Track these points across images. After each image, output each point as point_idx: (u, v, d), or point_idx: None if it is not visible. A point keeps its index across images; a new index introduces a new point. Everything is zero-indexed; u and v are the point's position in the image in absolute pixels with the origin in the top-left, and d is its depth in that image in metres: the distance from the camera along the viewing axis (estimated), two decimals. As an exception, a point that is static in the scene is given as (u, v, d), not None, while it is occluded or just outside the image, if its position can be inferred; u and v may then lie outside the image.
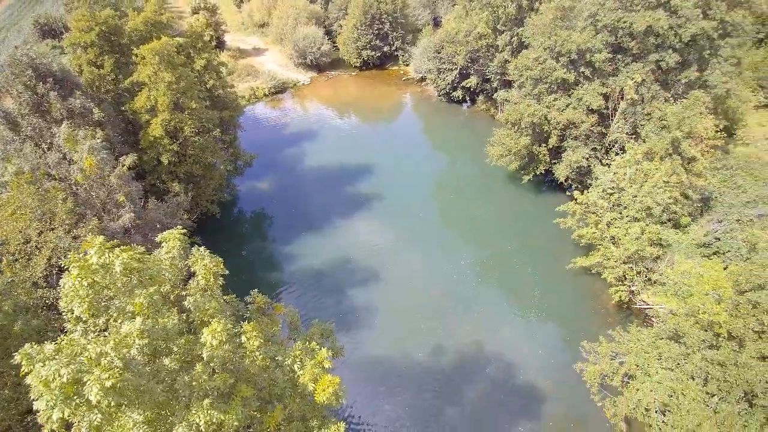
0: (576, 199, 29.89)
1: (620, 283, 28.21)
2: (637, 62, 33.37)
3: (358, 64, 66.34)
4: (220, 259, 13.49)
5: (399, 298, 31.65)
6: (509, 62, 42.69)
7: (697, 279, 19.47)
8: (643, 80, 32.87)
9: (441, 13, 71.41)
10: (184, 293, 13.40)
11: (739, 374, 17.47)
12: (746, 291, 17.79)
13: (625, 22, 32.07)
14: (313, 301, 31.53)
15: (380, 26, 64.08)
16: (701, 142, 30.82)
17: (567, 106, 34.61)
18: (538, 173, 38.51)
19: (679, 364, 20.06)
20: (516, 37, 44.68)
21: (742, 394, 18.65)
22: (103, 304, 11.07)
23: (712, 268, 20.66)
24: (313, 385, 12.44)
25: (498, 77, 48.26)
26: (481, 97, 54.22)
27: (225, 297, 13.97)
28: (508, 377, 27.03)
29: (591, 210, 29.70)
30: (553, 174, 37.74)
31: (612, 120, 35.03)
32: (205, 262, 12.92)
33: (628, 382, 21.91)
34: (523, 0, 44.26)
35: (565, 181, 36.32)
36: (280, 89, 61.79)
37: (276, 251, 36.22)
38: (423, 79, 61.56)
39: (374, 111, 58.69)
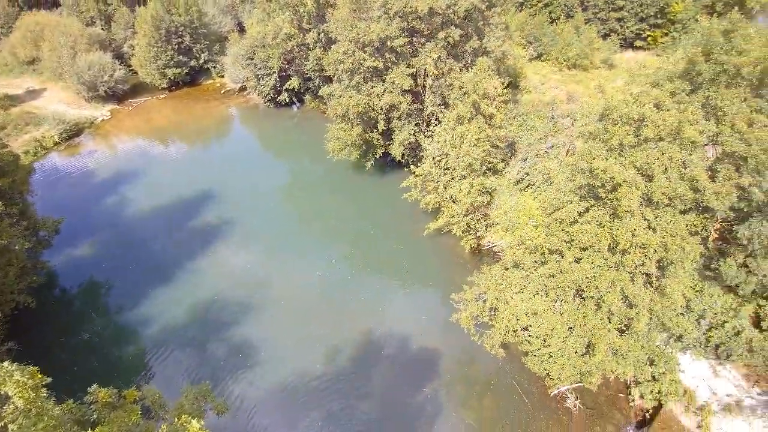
0: (414, 173, 32.78)
1: (467, 233, 32.23)
2: (430, 41, 37.49)
3: (165, 85, 60.17)
4: (34, 367, 11.13)
5: (281, 317, 30.50)
6: (322, 58, 43.84)
7: (517, 213, 23.39)
8: (439, 56, 37.18)
9: (244, 18, 69.13)
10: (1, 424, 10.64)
11: (565, 279, 21.50)
12: (552, 213, 21.96)
13: (411, 7, 35.59)
14: (189, 359, 28.17)
15: (179, 40, 59.05)
16: (494, 99, 36.49)
17: (384, 91, 37.18)
18: (377, 157, 40.92)
19: (525, 286, 23.80)
20: (323, 33, 45.99)
21: (574, 293, 23.15)
22: None
23: (526, 201, 24.94)
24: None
25: (318, 74, 49.18)
26: (308, 96, 54.72)
27: (58, 408, 11.51)
28: (403, 351, 28.62)
29: (429, 179, 32.83)
30: (391, 154, 40.50)
31: (424, 96, 38.92)
32: (15, 379, 10.38)
33: (495, 315, 25.16)
34: (319, -4, 45.63)
35: (402, 158, 39.36)
36: (74, 132, 52.10)
37: (126, 320, 30.88)
38: (243, 88, 59.18)
39: (199, 132, 54.32)
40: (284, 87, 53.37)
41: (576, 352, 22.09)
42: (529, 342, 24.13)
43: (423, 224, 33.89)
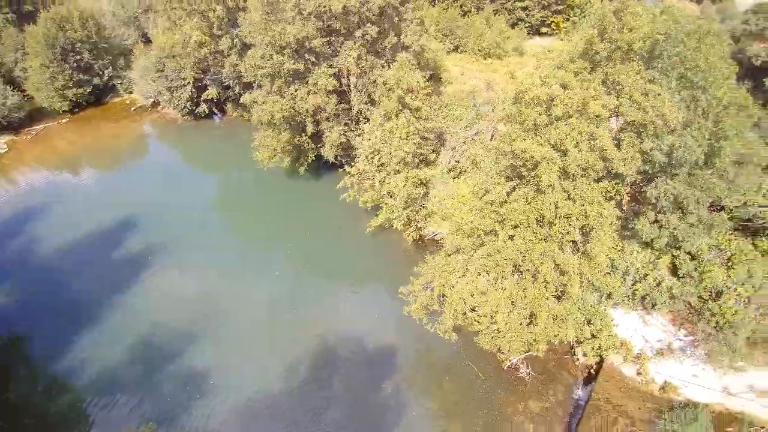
0: (349, 172, 32.66)
1: (408, 226, 32.76)
2: (348, 40, 37.42)
3: (66, 108, 54.56)
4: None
5: (229, 338, 29.13)
6: (239, 65, 42.25)
7: (452, 200, 24.15)
8: (359, 55, 37.24)
9: (149, 28, 64.62)
10: None
11: (502, 257, 22.48)
12: (482, 196, 22.89)
13: (324, 6, 35.24)
14: (133, 400, 26.25)
15: (78, 57, 53.86)
16: (418, 93, 37.28)
17: (308, 93, 36.58)
18: (310, 161, 40.23)
19: (467, 269, 24.58)
20: (237, 39, 44.28)
21: (512, 269, 24.28)
22: None
23: (459, 187, 25.77)
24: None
25: (237, 81, 47.29)
26: (229, 106, 52.49)
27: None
28: (360, 351, 28.54)
29: (364, 177, 32.88)
30: (324, 157, 39.98)
31: (350, 95, 38.83)
32: None
33: (443, 301, 25.74)
34: (228, 0, 43.83)
35: (336, 159, 39.03)
36: (-35, 171, 46.04)
37: (57, 370, 27.83)
38: (156, 103, 55.38)
39: (113, 154, 50.12)
40: (202, 98, 50.72)
41: (521, 324, 23.26)
42: (478, 321, 24.99)
43: (364, 222, 33.87)
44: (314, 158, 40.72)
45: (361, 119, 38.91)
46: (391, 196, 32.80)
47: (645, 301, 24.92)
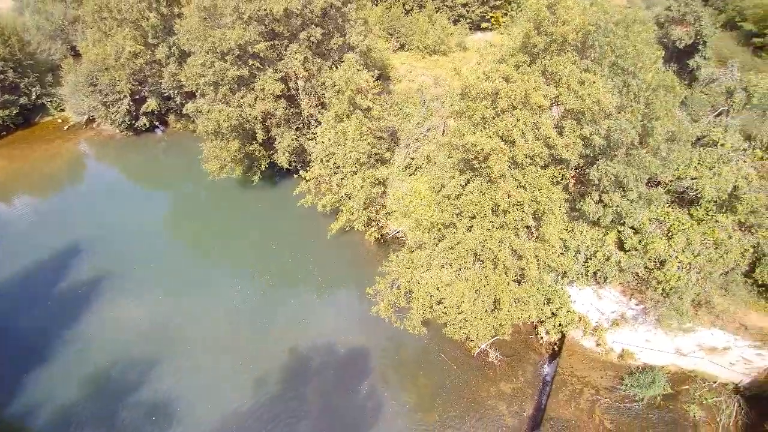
0: (305, 177, 32.21)
1: (369, 226, 32.79)
2: (293, 43, 36.84)
3: (-10, 131, 50.41)
4: None
5: (195, 361, 28.04)
6: (179, 74, 40.54)
7: (410, 197, 24.46)
8: (305, 57, 36.77)
9: (77, 41, 60.55)
10: None
11: (462, 248, 23.05)
12: (439, 191, 23.36)
13: (265, 9, 34.46)
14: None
15: (1, 77, 49.70)
16: (368, 93, 37.38)
17: (256, 99, 35.71)
18: (263, 169, 39.29)
19: (430, 263, 25.01)
20: (175, 47, 42.45)
21: (473, 259, 24.94)
22: None
23: (416, 184, 26.13)
24: None
25: (177, 91, 45.35)
26: (172, 117, 50.24)
27: None
28: (332, 357, 28.31)
29: (321, 181, 32.55)
30: (278, 163, 39.18)
31: (299, 99, 38.28)
32: None
33: (410, 297, 26.03)
34: (162, 7, 41.92)
35: (290, 165, 38.37)
36: None
37: (6, 417, 25.62)
38: (91, 119, 52.06)
39: (49, 178, 46.66)
40: (141, 111, 48.16)
41: (486, 311, 23.99)
42: (445, 313, 25.50)
43: (325, 227, 33.46)
44: (267, 166, 39.83)
45: (312, 123, 38.49)
46: (349, 198, 32.69)
47: (597, 276, 26.36)
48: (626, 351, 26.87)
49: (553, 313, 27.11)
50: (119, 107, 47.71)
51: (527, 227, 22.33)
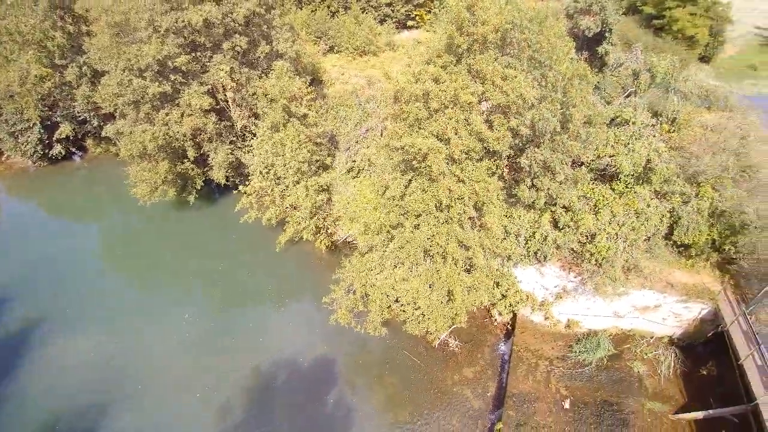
0: (245, 192, 31.25)
1: (318, 235, 32.51)
2: (217, 54, 35.48)
3: None
4: None
5: (150, 400, 26.36)
6: (93, 96, 37.69)
7: (356, 201, 24.61)
8: (232, 68, 35.58)
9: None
10: None
11: (412, 246, 23.60)
12: (383, 193, 23.72)
13: (182, 21, 32.87)
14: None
15: None
16: (302, 99, 36.93)
17: (182, 115, 34.06)
18: (199, 188, 37.61)
19: (383, 264, 25.34)
20: (86, 66, 39.38)
21: (423, 255, 25.61)
22: None
23: (360, 187, 26.30)
24: None
25: (94, 114, 42.14)
26: (90, 142, 46.51)
27: None
28: (295, 373, 27.87)
29: (263, 194, 31.75)
30: (214, 180, 37.67)
31: (230, 111, 37.03)
32: None
33: (367, 300, 26.24)
34: (68, 25, 38.67)
35: (228, 180, 37.04)
36: None
37: None
38: (-1, 153, 47.13)
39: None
40: (54, 138, 44.18)
41: (441, 303, 24.79)
42: (403, 311, 26.01)
43: (272, 240, 32.68)
44: (203, 184, 38.19)
45: (247, 135, 37.36)
46: (295, 208, 32.21)
47: (538, 255, 28.04)
48: (571, 320, 28.96)
49: (503, 295, 28.54)
50: (29, 136, 43.43)
51: (470, 218, 23.31)
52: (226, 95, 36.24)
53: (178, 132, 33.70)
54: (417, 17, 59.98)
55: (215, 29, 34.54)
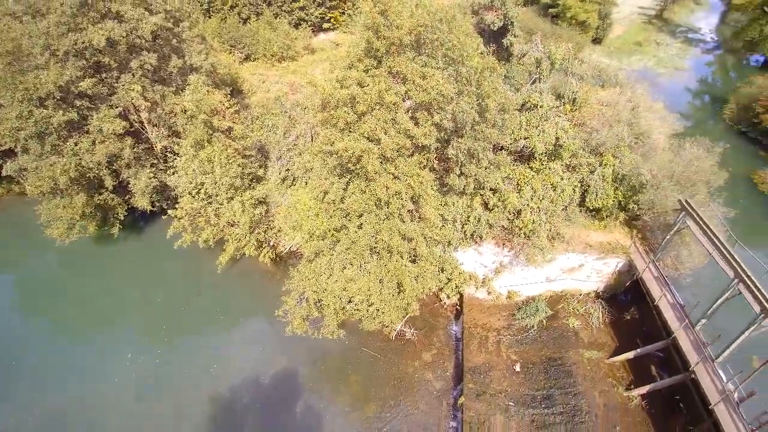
0: (176, 216, 29.88)
1: (261, 248, 32.01)
2: (125, 74, 33.33)
3: None
4: None
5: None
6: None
7: (296, 210, 24.74)
8: (144, 87, 33.64)
9: None
10: None
11: (358, 246, 24.27)
12: (323, 198, 24.14)
13: (83, 42, 30.48)
14: None
15: None
16: (225, 112, 35.89)
17: (94, 143, 31.66)
18: (123, 218, 35.13)
19: (332, 267, 25.78)
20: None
21: (370, 252, 26.40)
22: None
23: (298, 195, 26.43)
24: None
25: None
26: (-14, 181, 41.46)
27: None
28: (257, 392, 27.50)
29: (196, 215, 30.57)
30: (139, 208, 35.37)
31: (147, 132, 35.03)
32: None
33: (321, 305, 26.53)
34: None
35: (154, 206, 35.05)
36: None
37: None
38: None
39: None
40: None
41: (393, 295, 25.82)
42: (357, 310, 26.66)
43: (213, 262, 31.45)
44: (127, 213, 35.65)
45: (169, 156, 35.58)
46: (232, 225, 31.41)
47: (474, 236, 30.09)
48: (511, 291, 31.49)
49: (448, 279, 30.27)
50: None
51: (409, 212, 24.49)
52: (140, 116, 34.24)
53: (91, 161, 31.24)
54: (332, 19, 60.33)
55: (120, 47, 32.44)
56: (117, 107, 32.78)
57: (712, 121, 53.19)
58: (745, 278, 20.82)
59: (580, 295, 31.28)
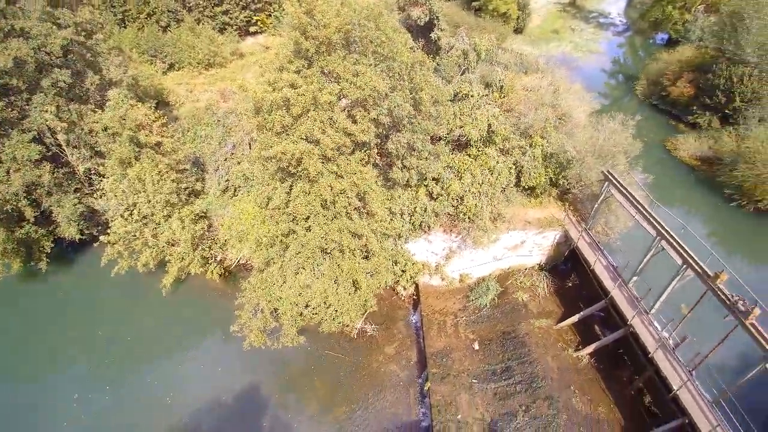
0: (109, 242, 27.97)
1: (207, 265, 30.78)
2: (36, 94, 30.62)
3: None
4: None
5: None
6: None
7: (240, 220, 24.06)
8: (58, 106, 31.10)
9: None
10: None
11: (308, 249, 24.09)
12: (267, 205, 23.66)
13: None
14: None
15: None
16: (152, 127, 34.03)
17: (8, 172, 28.88)
18: (50, 251, 32.25)
19: (284, 274, 25.36)
20: None
21: (321, 253, 26.27)
22: None
23: (241, 205, 25.71)
24: None
25: None
26: None
27: None
28: (221, 413, 26.53)
29: (131, 238, 28.78)
30: (67, 238, 32.67)
31: (66, 155, 32.40)
32: None
33: (278, 314, 26.04)
34: None
35: (83, 234, 32.50)
36: None
37: None
38: None
39: None
40: None
41: (349, 294, 25.90)
42: (316, 314, 26.46)
43: (156, 285, 29.67)
44: (54, 245, 32.85)
45: (94, 178, 33.21)
46: (173, 245, 29.90)
47: (422, 226, 30.79)
48: (463, 275, 32.65)
49: (402, 271, 30.80)
50: None
51: (356, 209, 24.63)
52: (57, 138, 31.61)
53: (7, 192, 28.51)
54: (258, 22, 58.85)
55: (27, 67, 29.74)
56: (30, 131, 30.11)
57: (626, 97, 58.06)
58: (666, 235, 23.03)
59: (525, 269, 33.02)
